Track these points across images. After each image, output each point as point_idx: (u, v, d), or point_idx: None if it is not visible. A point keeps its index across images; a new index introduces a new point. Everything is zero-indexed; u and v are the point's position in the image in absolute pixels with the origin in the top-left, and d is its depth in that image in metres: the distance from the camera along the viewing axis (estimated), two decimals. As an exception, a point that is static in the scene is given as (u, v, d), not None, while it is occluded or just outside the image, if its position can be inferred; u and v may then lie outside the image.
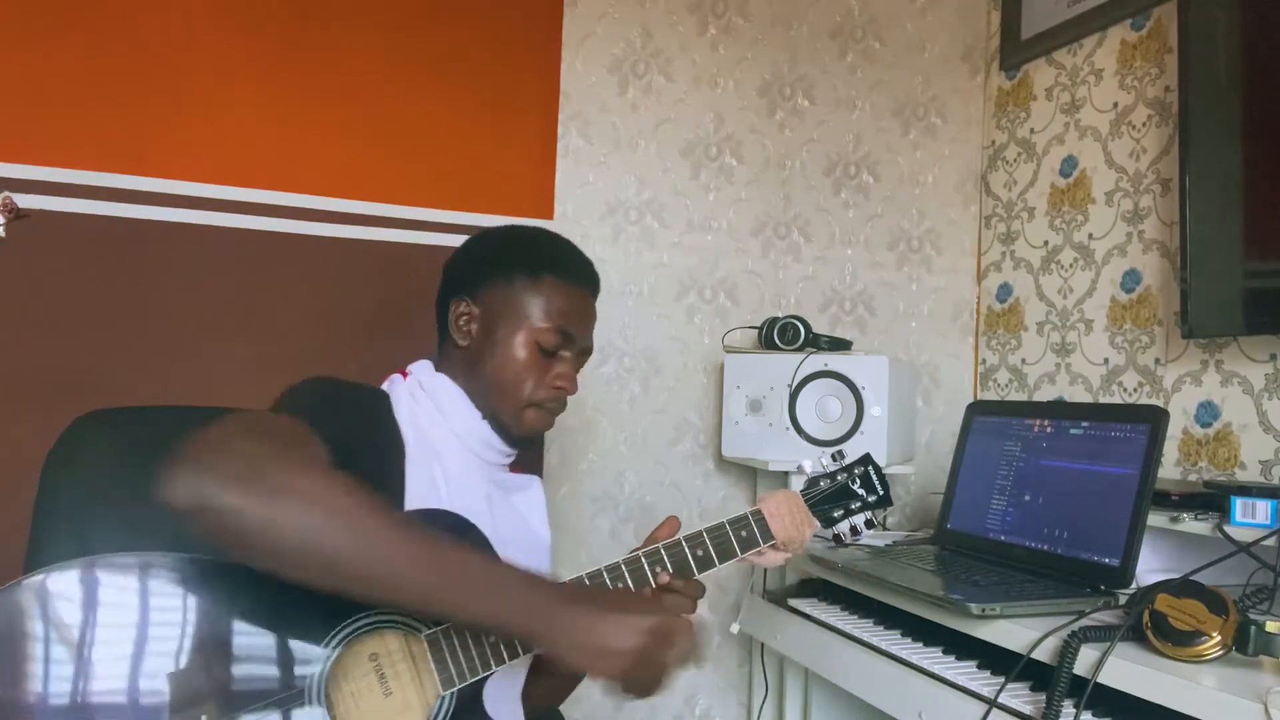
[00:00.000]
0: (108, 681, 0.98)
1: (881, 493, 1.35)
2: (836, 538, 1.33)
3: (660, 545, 1.20)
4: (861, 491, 1.33)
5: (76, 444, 1.30)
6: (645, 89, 2.37)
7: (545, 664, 1.27)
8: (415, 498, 1.16)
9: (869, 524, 1.34)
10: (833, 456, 1.36)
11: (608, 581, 1.16)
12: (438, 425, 1.23)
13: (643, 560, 1.18)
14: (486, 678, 1.11)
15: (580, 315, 1.29)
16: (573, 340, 1.28)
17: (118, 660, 0.98)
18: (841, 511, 1.32)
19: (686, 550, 1.20)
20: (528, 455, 1.39)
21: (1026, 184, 2.42)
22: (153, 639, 0.99)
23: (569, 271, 1.29)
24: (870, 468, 1.35)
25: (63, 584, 0.98)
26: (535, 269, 1.27)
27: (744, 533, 1.23)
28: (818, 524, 1.30)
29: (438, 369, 1.29)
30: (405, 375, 1.27)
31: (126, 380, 1.91)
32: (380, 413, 1.20)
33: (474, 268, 1.30)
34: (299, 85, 2.08)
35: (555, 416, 1.29)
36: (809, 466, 1.36)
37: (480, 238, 1.35)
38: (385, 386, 1.26)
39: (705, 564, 1.21)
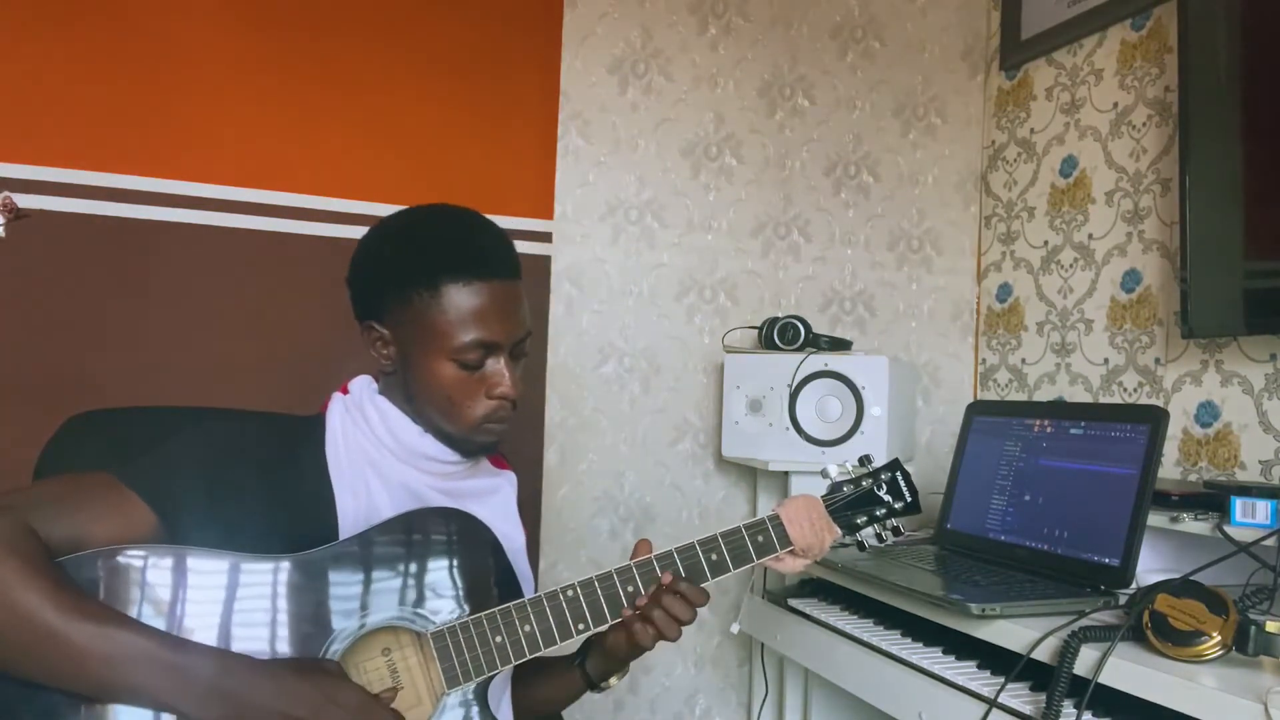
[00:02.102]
0: None
1: (909, 499, 1.30)
2: (860, 544, 1.29)
3: (674, 549, 1.17)
4: (888, 498, 1.29)
5: (69, 444, 1.30)
6: (645, 89, 2.37)
7: (549, 666, 1.27)
8: (349, 518, 1.12)
9: (895, 531, 1.30)
10: (860, 461, 1.33)
11: (618, 585, 1.15)
12: (370, 440, 1.17)
13: (655, 564, 1.16)
14: (492, 677, 1.11)
15: (499, 313, 1.13)
16: (498, 345, 1.14)
17: None
18: (865, 518, 1.28)
19: (700, 554, 1.17)
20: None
21: (1026, 184, 2.42)
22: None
23: (471, 268, 1.12)
24: (898, 473, 1.31)
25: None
26: (431, 278, 1.11)
27: (760, 538, 1.20)
28: (839, 531, 1.26)
29: (380, 388, 1.20)
30: (345, 391, 1.21)
31: (125, 380, 1.91)
32: (285, 449, 1.15)
33: (370, 287, 1.17)
34: (299, 85, 2.08)
35: (506, 424, 1.18)
36: (834, 471, 1.31)
37: (368, 244, 1.19)
38: (329, 404, 1.20)
39: (719, 569, 1.17)
